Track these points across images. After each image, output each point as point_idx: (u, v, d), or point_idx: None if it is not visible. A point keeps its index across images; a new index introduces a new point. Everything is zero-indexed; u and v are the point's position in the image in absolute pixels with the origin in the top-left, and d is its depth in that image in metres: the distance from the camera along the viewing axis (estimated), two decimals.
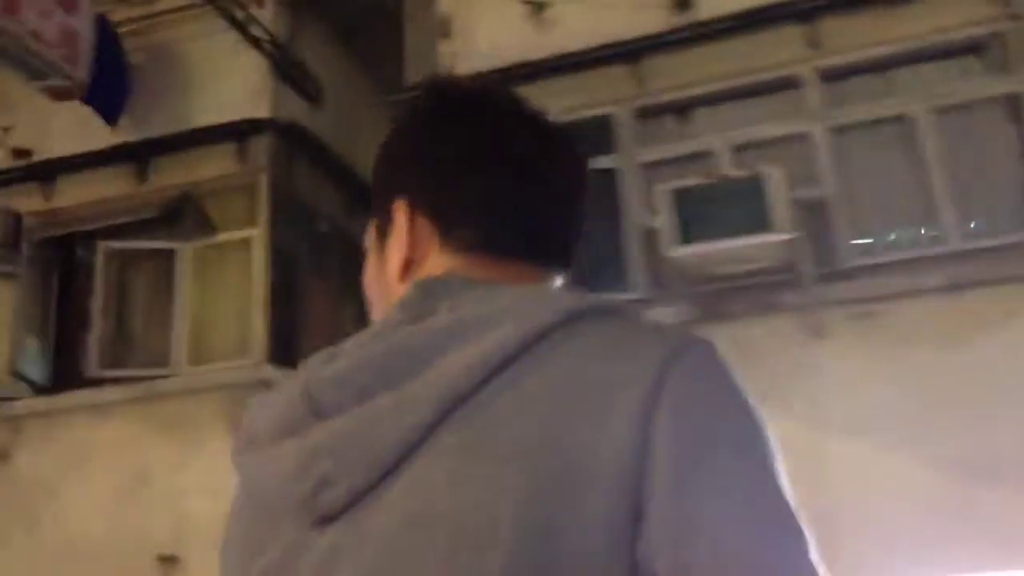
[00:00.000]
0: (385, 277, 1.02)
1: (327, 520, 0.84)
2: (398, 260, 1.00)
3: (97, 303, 8.03)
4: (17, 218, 8.10)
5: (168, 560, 6.80)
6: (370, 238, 1.07)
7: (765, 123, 6.84)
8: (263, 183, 8.04)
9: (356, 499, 0.83)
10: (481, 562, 0.76)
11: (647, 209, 6.67)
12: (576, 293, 0.91)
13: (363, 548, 0.81)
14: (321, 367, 0.91)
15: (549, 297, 0.90)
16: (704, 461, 0.78)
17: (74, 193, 8.34)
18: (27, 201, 8.31)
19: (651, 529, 0.76)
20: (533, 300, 0.89)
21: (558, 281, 1.04)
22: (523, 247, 1.00)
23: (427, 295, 0.93)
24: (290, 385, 0.92)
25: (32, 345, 8.04)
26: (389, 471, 0.82)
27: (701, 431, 0.80)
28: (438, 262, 0.99)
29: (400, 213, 1.01)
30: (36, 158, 8.46)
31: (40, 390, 7.89)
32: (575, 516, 0.76)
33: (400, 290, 0.98)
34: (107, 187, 8.26)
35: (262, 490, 0.90)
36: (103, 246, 8.15)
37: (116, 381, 7.64)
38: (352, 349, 0.91)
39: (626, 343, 0.85)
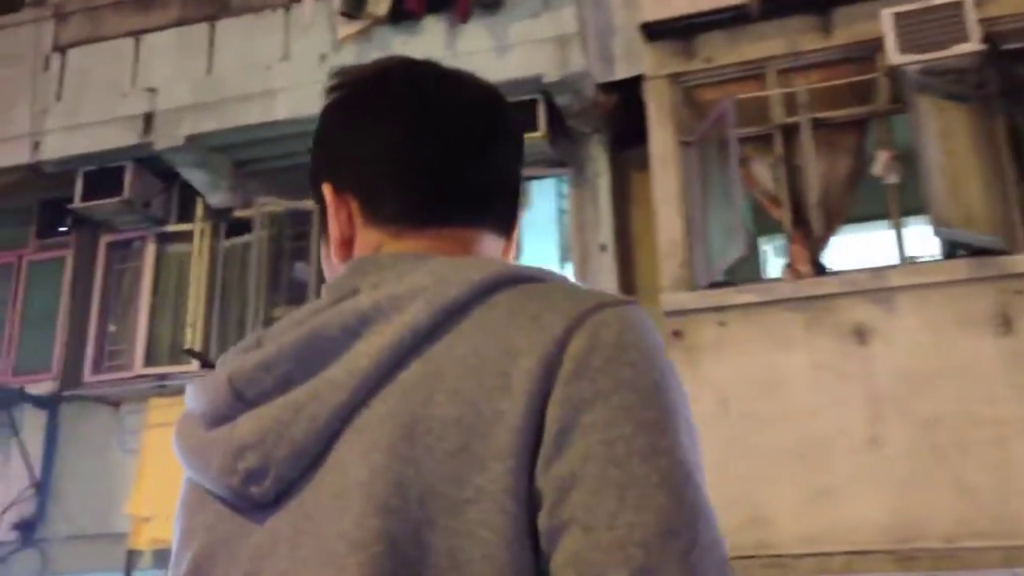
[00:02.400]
0: (330, 259, 1.06)
1: (262, 507, 0.88)
2: (335, 241, 1.04)
3: None
4: None
5: None
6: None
7: None
8: None
9: (287, 487, 0.86)
10: (392, 532, 0.79)
11: None
12: (490, 263, 0.92)
13: (293, 532, 0.85)
14: (246, 355, 0.93)
15: (461, 271, 0.90)
16: (584, 424, 0.80)
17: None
18: None
19: (539, 493, 0.79)
20: (445, 275, 0.89)
21: (492, 241, 1.05)
22: (445, 213, 1.02)
23: (353, 274, 0.96)
24: (218, 372, 0.94)
25: None
26: (315, 458, 0.85)
27: (590, 394, 0.81)
28: (368, 240, 1.02)
29: (328, 196, 1.04)
30: None
31: None
32: (479, 486, 0.79)
33: (339, 270, 1.01)
34: None
35: (198, 477, 0.94)
36: None
37: None
38: (276, 335, 0.93)
39: (534, 311, 0.86)
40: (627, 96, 7.78)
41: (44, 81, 9.10)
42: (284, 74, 8.34)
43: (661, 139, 7.03)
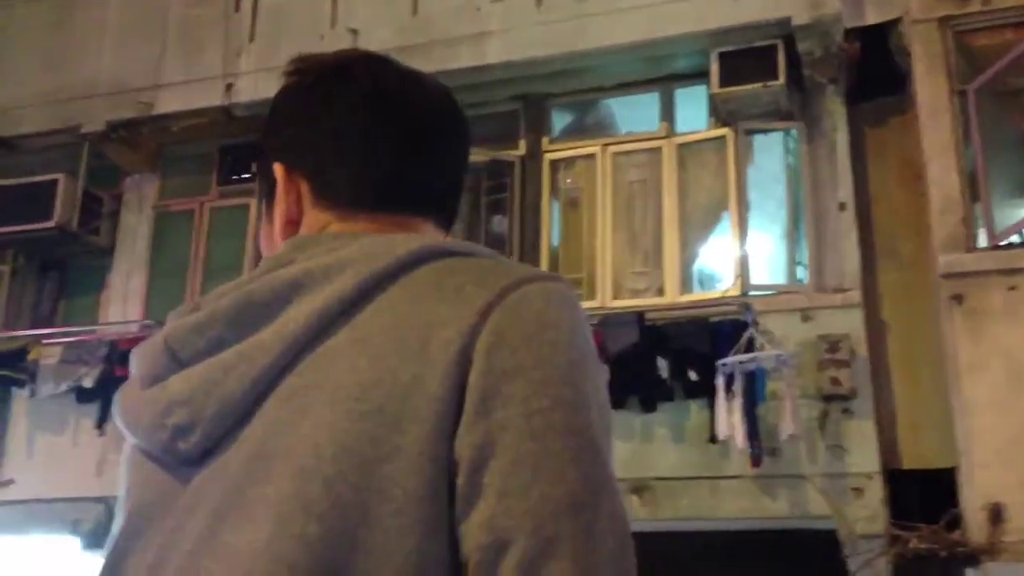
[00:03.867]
0: (271, 237, 1.08)
1: (189, 464, 0.91)
2: (280, 221, 1.06)
3: None
4: None
5: None
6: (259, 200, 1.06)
7: None
8: None
9: (213, 444, 0.90)
10: (306, 491, 0.82)
11: None
12: (419, 238, 0.96)
13: (216, 489, 0.88)
14: (183, 318, 0.95)
15: (392, 244, 0.93)
16: (504, 394, 0.83)
17: None
18: None
19: (457, 457, 0.83)
20: (376, 248, 0.92)
21: (434, 232, 1.08)
22: (393, 201, 1.05)
23: (292, 249, 0.98)
24: (157, 336, 0.97)
25: None
26: (241, 417, 0.89)
27: (511, 367, 0.84)
28: (315, 221, 1.04)
29: (280, 176, 1.06)
30: None
31: None
32: (397, 445, 0.82)
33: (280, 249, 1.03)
34: None
35: (130, 434, 0.98)
36: None
37: None
38: (212, 299, 0.95)
39: (458, 284, 0.89)
40: (868, 43, 7.27)
41: (236, 21, 8.81)
42: (497, 16, 7.94)
43: (931, 87, 6.50)
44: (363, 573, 0.81)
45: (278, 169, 1.07)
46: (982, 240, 6.24)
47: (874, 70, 7.30)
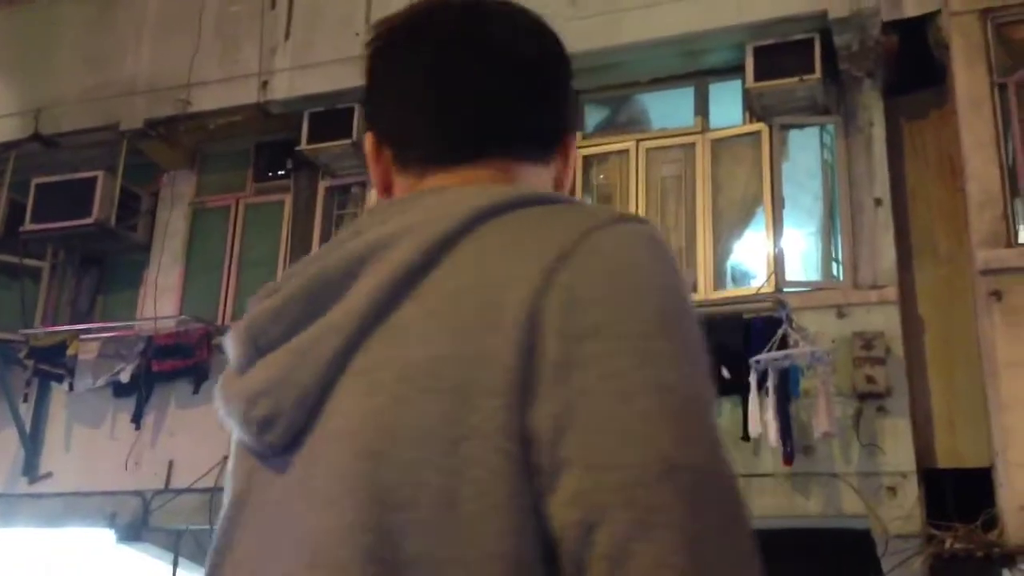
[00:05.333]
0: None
1: (279, 454, 0.88)
2: (377, 188, 1.06)
3: None
4: None
5: None
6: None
7: None
8: None
9: (299, 432, 0.87)
10: (377, 473, 0.79)
11: None
12: (487, 190, 0.90)
13: (304, 480, 0.85)
14: (264, 301, 0.93)
15: (454, 202, 0.88)
16: (580, 357, 0.77)
17: None
18: None
19: (534, 430, 0.76)
20: (437, 209, 0.88)
21: (529, 169, 1.01)
22: (465, 150, 0.99)
23: (369, 215, 0.95)
24: (242, 320, 0.95)
25: None
26: (318, 403, 0.86)
27: (587, 326, 0.77)
28: (401, 185, 1.03)
29: (369, 145, 1.06)
30: None
31: None
32: (473, 424, 0.77)
33: None
34: None
35: (230, 426, 0.95)
36: None
37: None
38: (285, 281, 0.93)
39: (526, 239, 0.83)
40: (905, 36, 7.16)
41: (272, 18, 8.88)
42: (533, 6, 7.91)
43: (970, 80, 6.40)
44: (449, 561, 0.76)
45: (368, 138, 1.07)
46: (1022, 236, 6.12)
47: (912, 63, 7.20)
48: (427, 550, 0.77)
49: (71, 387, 8.25)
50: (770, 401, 6.22)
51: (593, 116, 8.45)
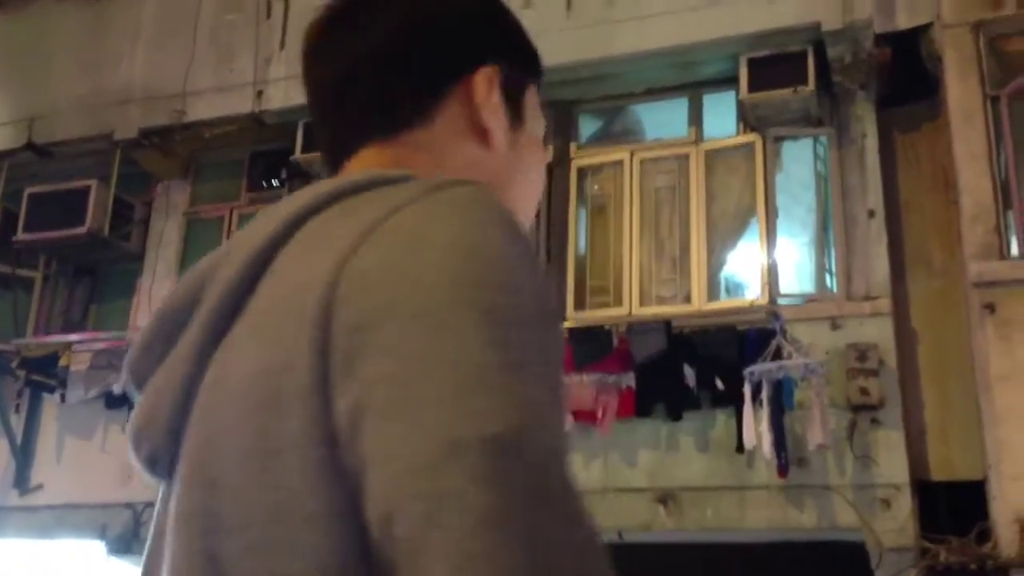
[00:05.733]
0: None
1: (170, 482, 0.86)
2: None
3: None
4: None
5: None
6: None
7: None
8: None
9: (173, 462, 0.85)
10: (212, 502, 0.77)
11: None
12: (318, 185, 0.85)
13: (170, 509, 0.84)
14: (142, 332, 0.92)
15: (284, 205, 0.84)
16: (369, 345, 0.71)
17: None
18: None
19: (338, 431, 0.72)
20: (265, 217, 0.85)
21: (372, 156, 0.95)
22: (345, 148, 0.96)
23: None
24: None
25: None
26: (178, 435, 0.84)
27: (377, 308, 0.72)
28: None
29: None
30: None
31: None
32: (284, 433, 0.73)
33: None
34: None
35: None
36: None
37: None
38: (157, 308, 0.91)
39: (336, 229, 0.78)
40: (898, 48, 7.18)
41: (267, 28, 8.88)
42: (526, 21, 7.84)
43: (963, 93, 6.41)
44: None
45: None
46: (1015, 248, 6.13)
47: (905, 75, 7.21)
48: (263, 570, 0.74)
49: (63, 398, 8.22)
50: (764, 413, 6.22)
51: (588, 127, 8.46)
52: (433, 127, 0.96)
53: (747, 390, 6.27)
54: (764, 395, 6.23)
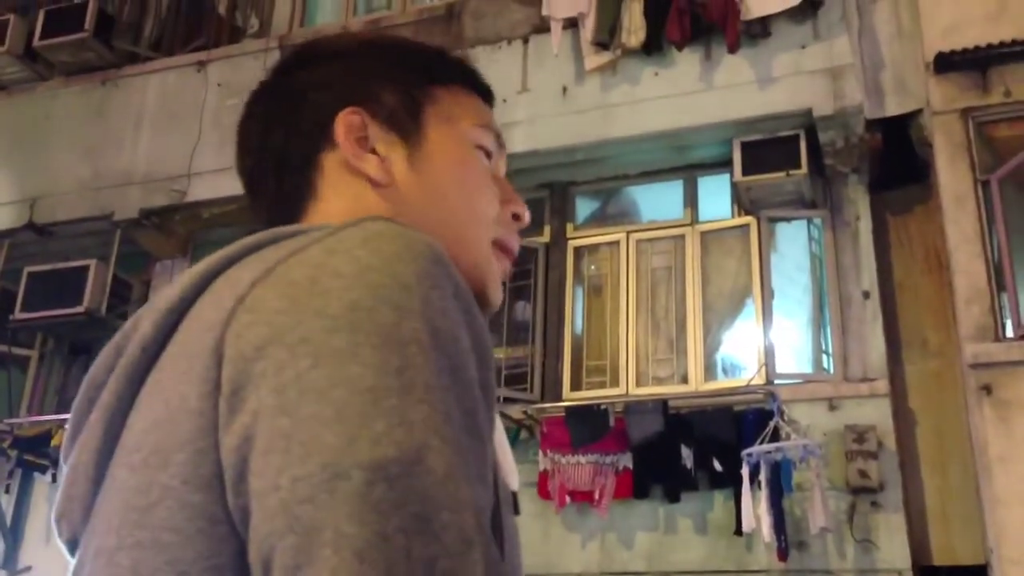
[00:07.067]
0: None
1: None
2: None
3: None
4: None
5: None
6: None
7: None
8: None
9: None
10: (104, 571, 0.73)
11: None
12: (232, 244, 0.81)
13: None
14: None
15: (199, 264, 0.81)
16: (255, 375, 0.68)
17: None
18: None
19: (225, 470, 0.68)
20: (182, 277, 0.81)
21: (316, 207, 0.94)
22: (264, 219, 0.97)
23: None
24: None
25: None
26: (92, 498, 0.79)
27: (264, 338, 0.69)
28: None
29: None
30: None
31: None
32: (163, 485, 0.69)
33: None
34: None
35: None
36: None
37: None
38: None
39: (239, 277, 0.75)
40: (888, 134, 7.31)
41: None
42: (523, 106, 8.08)
43: (954, 177, 6.51)
44: None
45: None
46: (1010, 330, 6.16)
47: (896, 159, 7.33)
48: None
49: (54, 478, 8.13)
50: (763, 495, 6.17)
51: (584, 208, 8.55)
52: (324, 192, 0.95)
53: (745, 472, 6.23)
54: (762, 477, 6.19)
